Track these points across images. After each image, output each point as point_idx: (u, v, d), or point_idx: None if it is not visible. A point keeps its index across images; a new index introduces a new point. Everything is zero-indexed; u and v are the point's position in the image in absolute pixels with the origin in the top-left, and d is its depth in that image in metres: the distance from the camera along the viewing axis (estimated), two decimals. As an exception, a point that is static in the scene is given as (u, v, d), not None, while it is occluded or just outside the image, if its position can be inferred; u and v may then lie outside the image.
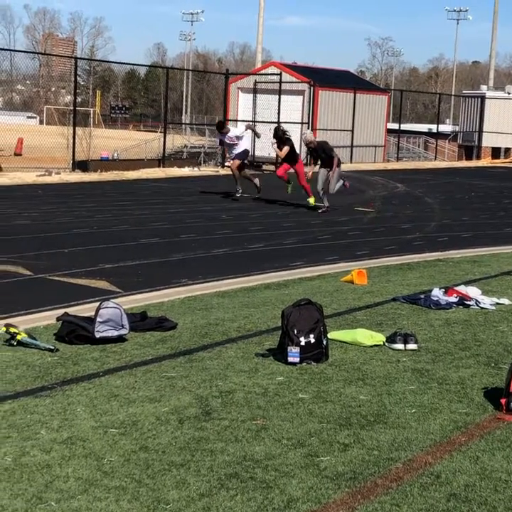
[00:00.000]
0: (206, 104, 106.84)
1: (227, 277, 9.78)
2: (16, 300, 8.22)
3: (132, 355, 6.43)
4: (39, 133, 29.83)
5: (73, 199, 17.45)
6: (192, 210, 16.53)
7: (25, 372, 5.89)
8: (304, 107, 32.55)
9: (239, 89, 33.85)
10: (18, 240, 11.83)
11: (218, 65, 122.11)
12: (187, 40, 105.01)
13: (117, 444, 4.64)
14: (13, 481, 4.11)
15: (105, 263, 10.29)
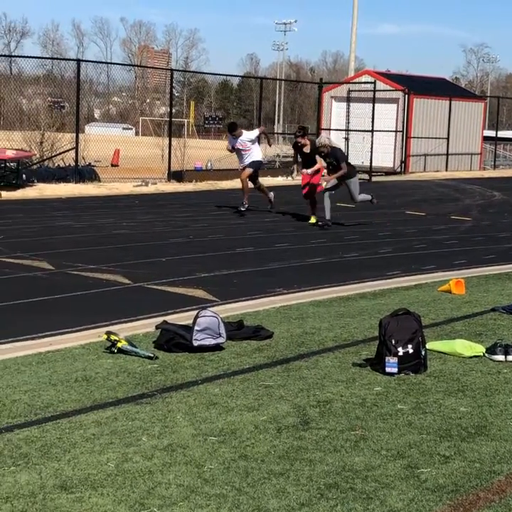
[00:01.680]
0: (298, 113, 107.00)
1: (322, 286, 9.77)
2: (115, 308, 8.38)
3: (230, 364, 6.47)
4: (135, 144, 30.39)
5: (169, 209, 17.69)
6: (287, 219, 16.57)
7: (125, 380, 6.00)
8: (398, 115, 32.31)
9: (332, 98, 33.81)
10: (117, 249, 12.05)
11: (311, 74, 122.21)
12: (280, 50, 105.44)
13: (217, 451, 4.68)
14: (116, 486, 4.18)
15: (201, 272, 10.40)
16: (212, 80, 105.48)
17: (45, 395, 5.61)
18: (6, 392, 5.64)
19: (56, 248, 11.82)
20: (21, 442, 4.73)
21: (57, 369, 6.24)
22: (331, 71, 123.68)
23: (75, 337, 7.26)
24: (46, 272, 10.13)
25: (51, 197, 18.96)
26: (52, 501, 3.99)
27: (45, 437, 4.82)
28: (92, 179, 23.13)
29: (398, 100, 32.23)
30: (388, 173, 31.47)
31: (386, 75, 35.16)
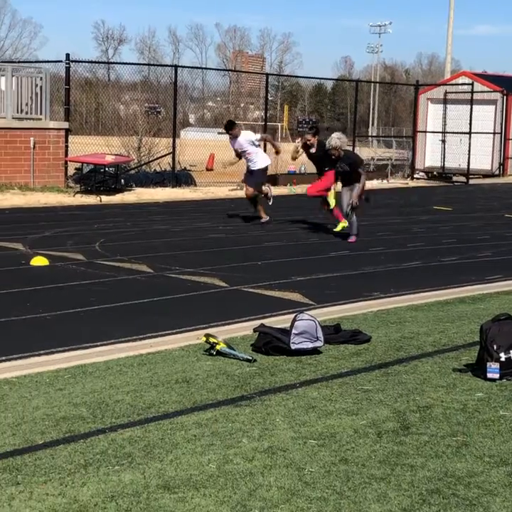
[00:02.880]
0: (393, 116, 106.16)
1: (420, 291, 9.67)
2: (213, 311, 8.47)
3: (328, 368, 6.47)
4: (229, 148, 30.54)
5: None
6: (381, 222, 16.47)
7: (225, 382, 6.05)
8: (496, 117, 31.73)
9: (428, 100, 33.42)
10: (214, 253, 12.17)
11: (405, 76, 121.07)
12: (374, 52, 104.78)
13: (317, 455, 4.68)
14: (218, 487, 4.23)
15: (297, 275, 10.42)
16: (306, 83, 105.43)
17: (147, 395, 5.70)
18: (109, 392, 5.76)
19: (154, 251, 12.00)
20: (125, 442, 4.82)
21: (158, 370, 6.34)
22: (426, 73, 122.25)
23: (174, 339, 7.36)
24: (145, 274, 10.30)
25: (149, 201, 19.26)
26: (156, 501, 4.06)
27: (148, 437, 4.90)
28: (188, 183, 23.41)
29: (496, 102, 31.66)
30: (486, 176, 30.94)
31: (483, 76, 34.58)
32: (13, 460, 4.53)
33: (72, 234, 13.45)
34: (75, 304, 8.55)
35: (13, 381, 6.01)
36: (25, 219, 15.24)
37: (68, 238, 12.97)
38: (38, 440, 4.85)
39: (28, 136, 19.25)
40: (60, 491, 4.14)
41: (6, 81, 19.52)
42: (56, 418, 5.22)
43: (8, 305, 8.47)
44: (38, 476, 4.32)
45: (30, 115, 20.08)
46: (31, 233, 13.27)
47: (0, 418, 5.20)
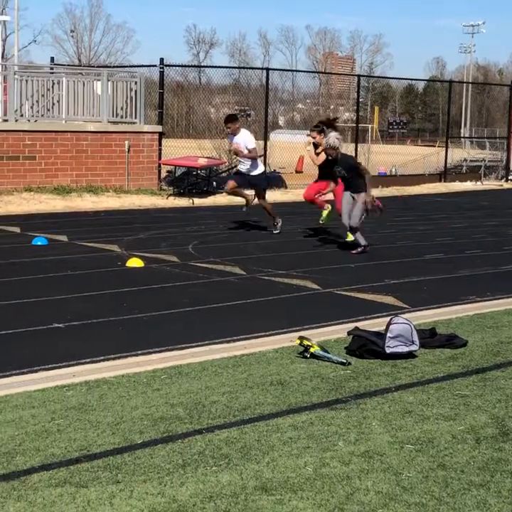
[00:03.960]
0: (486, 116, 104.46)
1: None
2: (306, 313, 8.47)
3: (423, 372, 6.41)
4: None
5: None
6: (476, 224, 16.22)
7: (319, 385, 6.05)
8: None
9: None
10: (306, 255, 12.16)
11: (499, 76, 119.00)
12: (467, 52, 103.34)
13: (414, 460, 4.64)
14: (315, 490, 4.23)
15: (390, 278, 10.33)
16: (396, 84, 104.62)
17: (242, 397, 5.74)
18: (206, 393, 5.81)
19: (247, 253, 12.07)
20: (222, 443, 4.86)
21: (253, 372, 6.37)
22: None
23: (268, 341, 7.39)
24: (238, 276, 10.37)
25: (240, 203, 19.32)
26: (254, 502, 4.08)
27: (244, 439, 4.93)
28: (279, 186, 23.45)
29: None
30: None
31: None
32: (113, 459, 4.61)
33: (165, 236, 13.63)
34: (169, 305, 8.66)
35: (112, 381, 6.12)
36: (120, 221, 15.51)
37: (162, 240, 13.14)
38: (136, 439, 4.93)
39: (122, 140, 19.58)
40: (160, 491, 4.20)
41: (102, 85, 19.90)
42: (154, 418, 5.29)
43: (106, 306, 8.63)
44: (137, 475, 4.39)
45: (125, 119, 20.43)
46: (126, 235, 13.50)
47: (99, 417, 5.30)
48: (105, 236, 13.34)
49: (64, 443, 4.84)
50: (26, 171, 18.38)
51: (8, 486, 4.23)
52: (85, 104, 20.00)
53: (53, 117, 19.80)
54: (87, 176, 19.22)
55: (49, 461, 4.57)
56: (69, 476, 4.37)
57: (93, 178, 19.27)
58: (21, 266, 10.68)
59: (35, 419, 5.24)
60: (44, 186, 18.43)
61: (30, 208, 16.82)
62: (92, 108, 20.09)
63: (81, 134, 19.16)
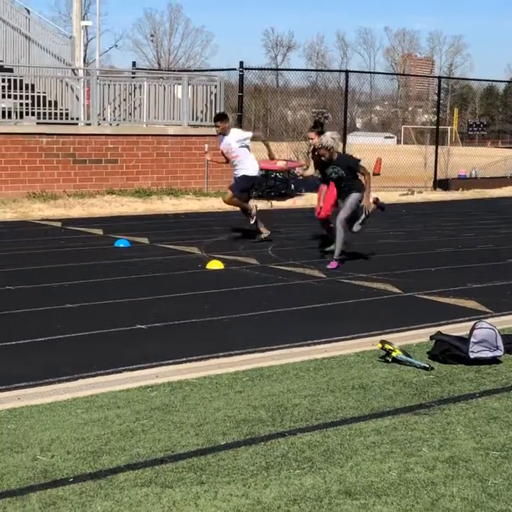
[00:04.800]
0: None
1: None
2: (387, 317, 8.42)
3: (508, 378, 6.31)
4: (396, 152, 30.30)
5: (436, 218, 17.52)
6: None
7: (402, 389, 6.01)
8: None
9: None
10: (385, 258, 12.09)
11: None
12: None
13: (500, 466, 4.58)
14: (399, 495, 4.20)
15: (473, 282, 10.20)
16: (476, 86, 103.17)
17: (324, 400, 5.73)
18: (287, 396, 5.82)
19: (326, 256, 12.03)
20: (304, 446, 4.86)
21: (334, 376, 6.36)
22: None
23: (349, 344, 7.37)
24: (318, 279, 10.35)
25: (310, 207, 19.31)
26: (338, 506, 4.07)
27: (327, 442, 4.93)
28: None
29: None
30: None
31: None
32: (197, 460, 4.65)
33: (245, 238, 13.67)
34: (250, 308, 8.70)
35: (194, 382, 6.18)
36: (200, 223, 15.63)
37: (241, 242, 13.20)
38: (220, 441, 4.96)
39: (202, 143, 19.73)
40: (244, 492, 4.22)
41: (183, 89, 20.09)
42: (236, 420, 5.32)
43: (187, 307, 8.71)
44: (221, 477, 4.42)
45: (205, 122, 20.59)
46: (206, 237, 13.59)
47: (183, 418, 5.36)
48: (185, 238, 13.46)
49: (149, 443, 4.90)
50: (108, 174, 18.68)
51: (95, 484, 4.31)
52: (166, 108, 20.23)
53: (135, 121, 20.07)
54: (167, 178, 19.43)
55: (134, 460, 4.64)
56: (154, 476, 4.42)
57: (173, 181, 19.48)
58: (104, 268, 10.85)
59: (120, 419, 5.32)
60: (125, 189, 18.70)
61: (112, 210, 17.08)
62: (173, 112, 20.30)
63: (162, 138, 19.39)
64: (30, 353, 6.94)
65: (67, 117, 19.25)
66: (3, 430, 5.11)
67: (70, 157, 18.24)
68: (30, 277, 10.08)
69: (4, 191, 17.36)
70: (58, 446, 4.83)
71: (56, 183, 18.09)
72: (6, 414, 5.40)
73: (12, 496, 4.16)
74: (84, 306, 8.66)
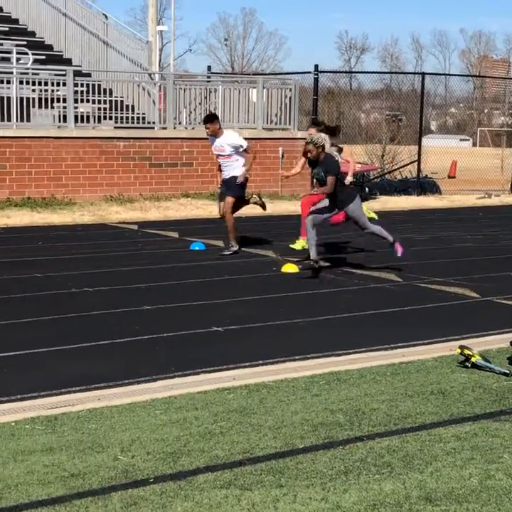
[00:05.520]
0: None
1: None
2: (465, 322, 8.31)
3: None
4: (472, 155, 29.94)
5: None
6: None
7: (481, 395, 5.92)
8: None
9: None
10: (463, 263, 11.94)
11: None
12: None
13: None
14: (480, 503, 4.14)
15: (553, 287, 10.01)
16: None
17: (402, 405, 5.69)
18: (365, 400, 5.79)
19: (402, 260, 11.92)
20: (383, 451, 4.83)
21: (412, 380, 6.30)
22: None
23: (427, 349, 7.29)
24: (394, 283, 10.28)
25: (393, 209, 19.21)
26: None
27: (406, 448, 4.89)
28: (433, 192, 23.12)
29: None
30: None
31: None
32: (275, 463, 4.66)
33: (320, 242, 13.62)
34: (325, 311, 8.68)
35: (271, 385, 6.18)
36: (276, 226, 15.64)
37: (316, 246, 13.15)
38: (298, 444, 4.96)
39: (276, 146, 19.77)
40: (323, 496, 4.21)
41: (257, 93, 20.16)
42: (314, 423, 5.31)
43: (263, 310, 8.73)
44: (300, 480, 4.42)
45: (279, 125, 20.62)
46: (280, 241, 13.59)
47: (261, 421, 5.37)
48: (260, 241, 13.48)
49: (227, 445, 4.93)
50: (184, 177, 18.84)
51: (175, 485, 4.34)
52: (240, 112, 20.32)
53: (209, 125, 20.17)
54: (241, 182, 19.49)
55: (213, 462, 4.67)
56: (233, 478, 4.44)
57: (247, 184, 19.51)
58: (180, 270, 10.95)
59: (199, 421, 5.36)
60: (200, 192, 18.83)
61: (187, 213, 17.21)
62: (247, 115, 20.38)
63: (236, 141, 19.46)
64: (109, 354, 7.04)
65: (143, 121, 19.47)
66: (84, 430, 5.19)
67: (147, 161, 18.43)
68: (108, 279, 10.23)
69: (82, 194, 17.63)
70: (138, 447, 4.89)
71: (133, 186, 18.31)
72: (87, 414, 5.49)
73: (94, 495, 4.22)
74: (161, 308, 8.75)
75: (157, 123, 19.61)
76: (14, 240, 13.35)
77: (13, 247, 12.65)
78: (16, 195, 16.87)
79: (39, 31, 22.48)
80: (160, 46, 45.69)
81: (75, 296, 9.29)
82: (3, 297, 9.15)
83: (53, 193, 17.27)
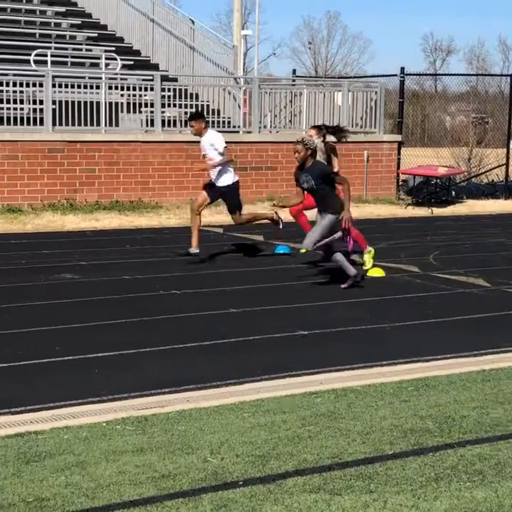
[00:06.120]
0: None
1: None
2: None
3: None
4: None
5: None
6: None
7: None
8: None
9: None
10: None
11: None
12: None
13: None
14: None
15: None
16: None
17: (493, 413, 5.60)
18: (454, 407, 5.72)
19: (490, 265, 11.77)
20: (474, 458, 4.76)
21: (503, 387, 6.20)
22: None
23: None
24: (482, 289, 10.12)
25: (481, 213, 18.93)
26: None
27: (498, 456, 4.81)
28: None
29: None
30: None
31: None
32: (364, 468, 4.63)
33: (405, 246, 13.54)
34: (413, 316, 8.60)
35: (358, 390, 6.16)
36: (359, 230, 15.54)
37: (401, 250, 13.07)
38: (387, 450, 4.92)
39: (361, 150, 19.68)
40: (414, 503, 4.17)
41: (343, 96, 20.11)
42: (403, 429, 5.27)
43: (348, 314, 8.70)
44: (390, 486, 4.38)
45: (364, 129, 20.52)
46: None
47: (349, 426, 5.35)
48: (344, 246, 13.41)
49: (316, 449, 4.92)
50: (268, 180, 18.89)
51: (264, 488, 4.35)
52: (325, 115, 20.28)
53: (294, 128, 20.22)
54: (326, 185, 19.46)
55: (302, 466, 4.67)
56: (323, 482, 4.43)
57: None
58: (265, 273, 10.97)
59: (287, 425, 5.36)
60: (285, 196, 18.84)
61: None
62: (332, 118, 20.33)
63: (321, 144, 19.44)
64: (196, 356, 7.11)
65: (228, 125, 19.59)
66: (173, 431, 5.25)
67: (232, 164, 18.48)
68: (194, 282, 10.32)
69: (169, 197, 17.84)
70: (227, 449, 4.92)
71: (218, 190, 18.42)
72: (176, 416, 5.55)
73: (185, 496, 4.26)
74: (246, 311, 8.79)
75: (242, 127, 19.71)
76: (102, 243, 13.58)
77: (102, 249, 12.87)
78: (105, 199, 17.16)
79: (127, 37, 22.84)
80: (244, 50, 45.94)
81: (163, 299, 9.41)
82: (93, 299, 9.32)
83: (140, 196, 17.52)
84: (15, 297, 9.32)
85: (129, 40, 22.79)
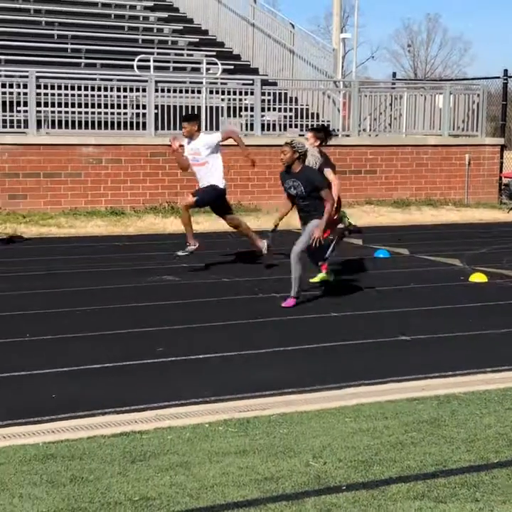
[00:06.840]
0: None
1: None
2: None
3: None
4: None
5: None
6: None
7: None
8: None
9: None
10: None
11: None
12: None
13: None
14: None
15: None
16: None
17: None
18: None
19: None
20: None
21: None
22: None
23: None
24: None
25: None
26: None
27: None
28: None
29: None
30: None
31: None
32: (469, 476, 4.57)
33: (508, 251, 13.28)
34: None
35: (461, 397, 6.07)
36: (460, 235, 15.34)
37: (505, 255, 12.82)
38: (492, 458, 4.84)
39: (463, 153, 19.39)
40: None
41: (444, 99, 19.85)
42: (509, 438, 5.18)
43: (451, 321, 8.58)
44: (496, 495, 4.31)
45: (466, 132, 20.21)
46: (467, 249, 13.33)
47: (453, 433, 5.28)
48: (446, 250, 13.26)
49: (419, 456, 4.87)
50: (367, 184, 18.78)
51: (368, 494, 4.33)
52: (425, 118, 20.06)
53: (394, 132, 20.06)
54: (426, 189, 19.25)
55: (406, 473, 4.62)
56: (427, 489, 4.38)
57: (432, 192, 19.26)
58: (364, 278, 10.90)
59: (389, 430, 5.32)
60: (384, 199, 18.72)
61: (370, 220, 17.13)
62: (432, 121, 20.10)
63: (421, 148, 19.24)
64: (296, 359, 7.12)
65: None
66: (275, 434, 5.27)
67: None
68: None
69: (267, 201, 17.87)
70: (329, 454, 4.91)
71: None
72: (278, 419, 5.57)
73: (288, 499, 4.27)
74: (347, 315, 8.76)
75: (341, 130, 19.65)
76: (202, 246, 13.69)
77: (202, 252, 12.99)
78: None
79: (227, 42, 23.03)
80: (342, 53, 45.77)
81: (263, 302, 9.44)
82: (195, 301, 9.43)
83: (240, 199, 17.61)
84: (124, 298, 9.50)
85: (229, 44, 22.97)
